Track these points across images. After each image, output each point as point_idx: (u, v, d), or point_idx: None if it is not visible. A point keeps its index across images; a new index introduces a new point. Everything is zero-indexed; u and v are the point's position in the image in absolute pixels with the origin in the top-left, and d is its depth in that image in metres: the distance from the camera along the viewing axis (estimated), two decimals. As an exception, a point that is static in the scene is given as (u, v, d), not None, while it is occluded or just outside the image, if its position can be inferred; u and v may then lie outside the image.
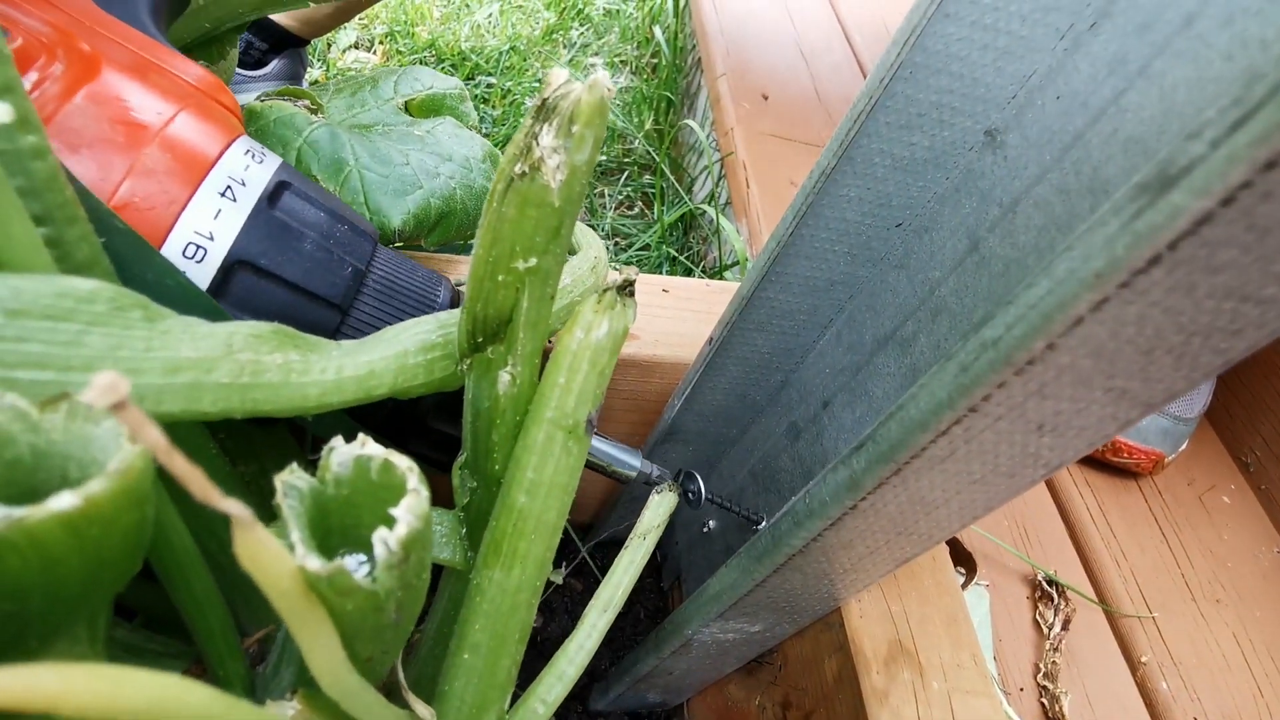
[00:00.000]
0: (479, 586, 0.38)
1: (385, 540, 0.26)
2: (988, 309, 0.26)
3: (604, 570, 0.79)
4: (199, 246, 0.40)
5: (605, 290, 0.37)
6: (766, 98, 1.09)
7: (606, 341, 0.37)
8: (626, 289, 0.37)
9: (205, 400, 0.32)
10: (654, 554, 0.80)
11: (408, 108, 0.59)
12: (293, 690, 0.32)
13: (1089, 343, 0.22)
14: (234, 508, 0.20)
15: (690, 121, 1.19)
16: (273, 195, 0.43)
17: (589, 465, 0.52)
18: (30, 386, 0.28)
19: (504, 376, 0.37)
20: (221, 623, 0.40)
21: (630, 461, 0.51)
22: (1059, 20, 0.34)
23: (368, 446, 0.29)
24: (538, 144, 0.30)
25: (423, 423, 0.48)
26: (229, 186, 0.41)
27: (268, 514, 0.28)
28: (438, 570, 0.49)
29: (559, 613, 0.76)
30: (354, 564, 0.26)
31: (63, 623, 0.26)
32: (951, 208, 0.40)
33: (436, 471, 0.47)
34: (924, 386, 0.28)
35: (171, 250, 0.39)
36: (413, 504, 0.27)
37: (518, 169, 0.31)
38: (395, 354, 0.38)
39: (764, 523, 0.51)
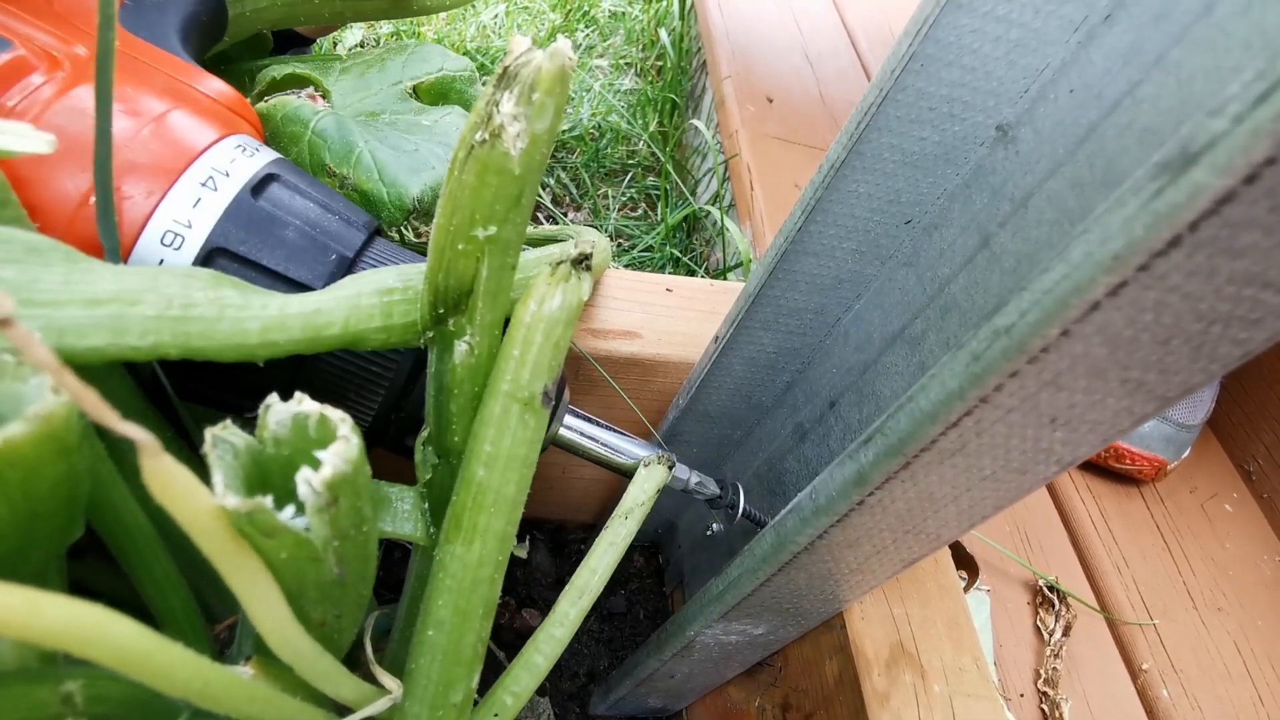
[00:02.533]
0: (441, 562, 0.38)
1: (309, 480, 0.26)
2: (999, 304, 0.26)
3: (611, 577, 0.78)
4: (176, 234, 0.40)
5: (559, 263, 0.37)
6: (771, 101, 1.09)
7: (560, 314, 0.37)
8: (583, 262, 0.37)
9: (132, 333, 0.32)
10: (656, 557, 0.81)
11: (416, 91, 0.58)
12: (247, 658, 0.32)
13: (1105, 330, 0.22)
14: (136, 433, 0.20)
15: (696, 122, 1.19)
16: (258, 186, 0.43)
17: (600, 462, 0.52)
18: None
19: (461, 346, 0.37)
20: (184, 605, 0.40)
21: (637, 451, 0.51)
22: (1073, 12, 0.34)
23: (304, 404, 0.29)
24: (498, 111, 0.30)
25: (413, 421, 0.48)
26: (211, 177, 0.42)
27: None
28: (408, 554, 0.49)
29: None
30: (290, 515, 0.27)
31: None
32: (962, 204, 0.40)
33: None
34: (934, 377, 0.27)
35: (150, 239, 0.40)
36: (341, 449, 0.27)
37: (478, 136, 0.31)
38: (348, 294, 0.38)
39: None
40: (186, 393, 0.43)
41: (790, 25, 1.27)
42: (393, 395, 0.46)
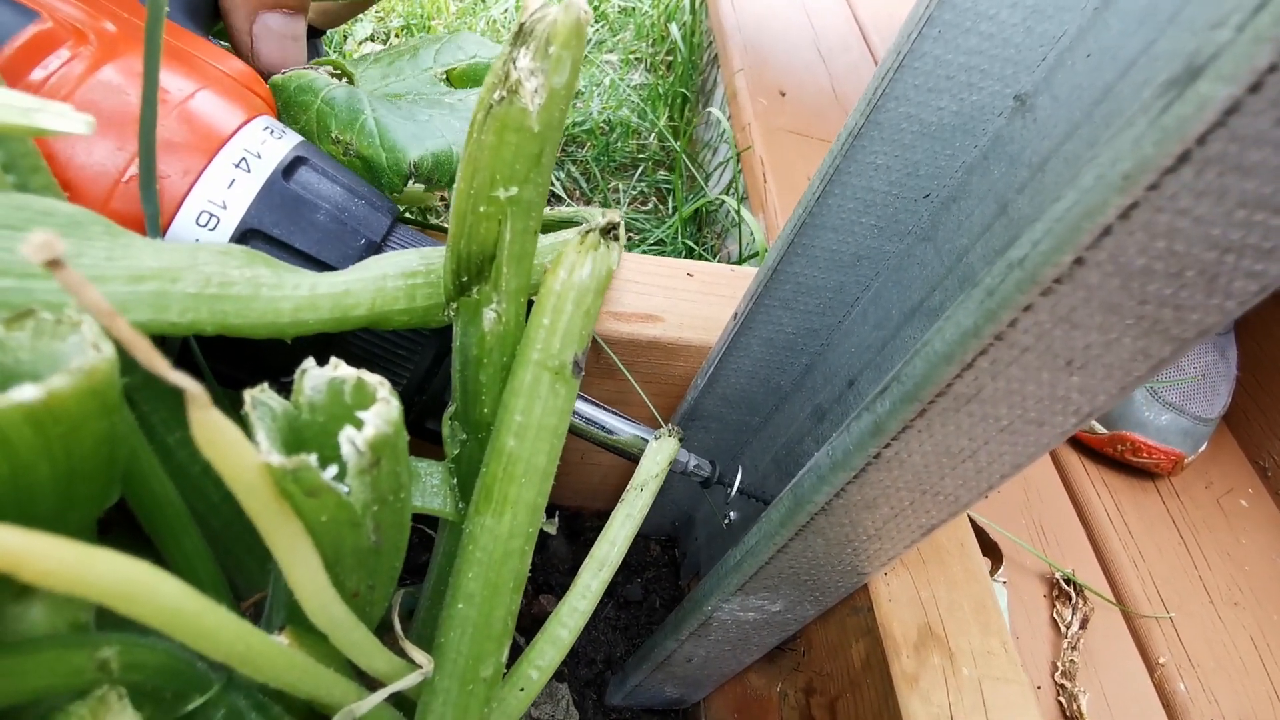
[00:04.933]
0: (471, 534, 0.38)
1: (353, 440, 0.26)
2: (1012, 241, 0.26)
3: (628, 564, 0.79)
4: (212, 215, 0.41)
5: (588, 231, 0.37)
6: (784, 94, 1.10)
7: (590, 282, 0.37)
8: (611, 231, 0.37)
9: (172, 310, 0.32)
10: (673, 550, 0.81)
11: (449, 77, 0.59)
12: (281, 627, 0.33)
13: (1118, 258, 0.22)
14: (186, 383, 0.20)
15: (713, 109, 1.19)
16: (289, 169, 0.44)
17: (611, 448, 0.52)
18: (-9, 293, 0.28)
19: (489, 314, 0.37)
20: (213, 578, 0.40)
21: (641, 433, 0.52)
22: (1091, -23, 0.34)
23: (340, 369, 0.29)
24: (515, 67, 0.30)
25: (434, 406, 0.48)
26: (244, 159, 0.42)
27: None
28: (432, 532, 0.49)
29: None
30: (328, 477, 0.27)
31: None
32: (980, 176, 0.40)
33: None
34: (949, 318, 0.27)
35: (186, 219, 0.40)
36: (382, 410, 0.27)
37: (496, 95, 0.31)
38: (374, 276, 0.38)
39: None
40: (211, 373, 0.43)
41: (802, 20, 1.27)
42: (417, 376, 0.46)
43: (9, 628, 0.28)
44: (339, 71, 0.53)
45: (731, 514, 0.63)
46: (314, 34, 1.02)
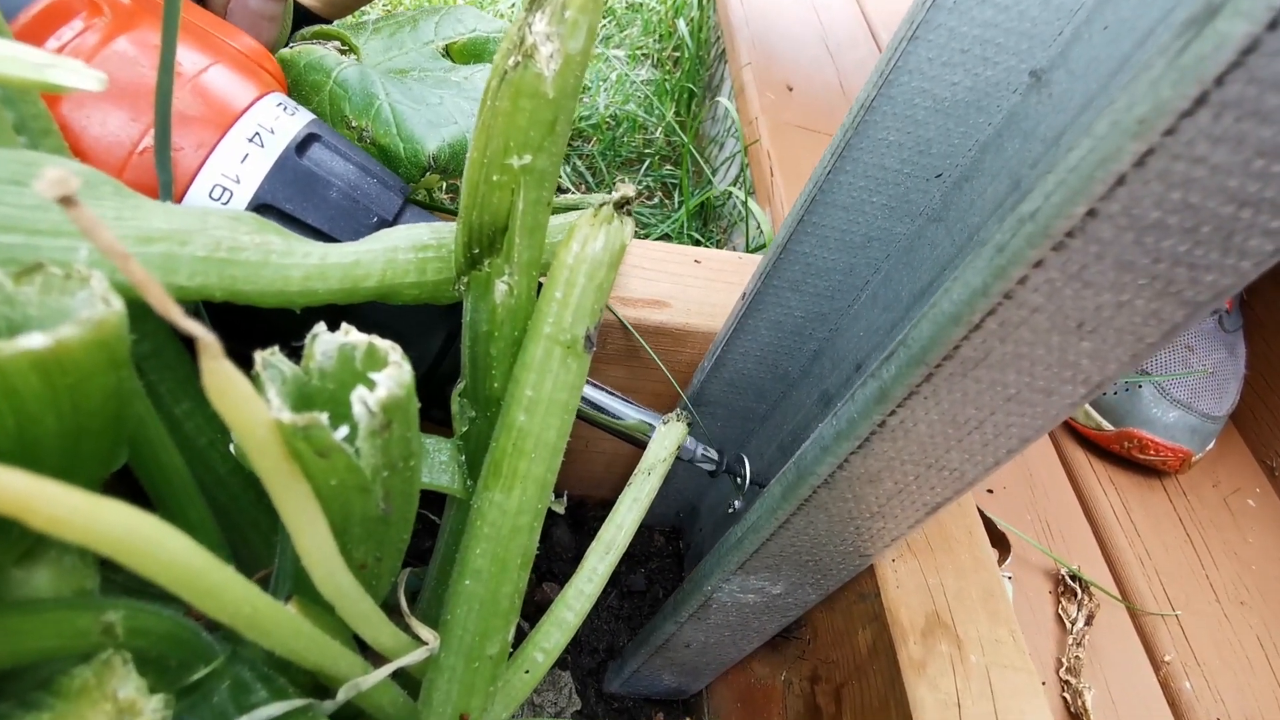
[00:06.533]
0: (480, 510, 0.38)
1: (365, 399, 0.26)
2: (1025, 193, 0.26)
3: (632, 555, 0.78)
4: (225, 189, 0.41)
5: (601, 205, 0.37)
6: (791, 90, 1.09)
7: (604, 255, 0.36)
8: (624, 205, 0.37)
9: (181, 273, 0.32)
10: (677, 541, 0.80)
11: (448, 51, 0.59)
12: (288, 597, 0.32)
13: (1132, 211, 0.22)
14: (199, 331, 0.20)
15: (722, 99, 1.19)
16: (301, 145, 0.44)
17: (618, 434, 0.52)
18: (-1, 249, 0.28)
19: (500, 286, 0.37)
20: (217, 549, 0.40)
21: (647, 418, 0.51)
22: (1110, -53, 0.34)
23: (351, 334, 0.29)
24: (530, 32, 0.30)
25: (441, 392, 0.48)
26: (257, 133, 0.42)
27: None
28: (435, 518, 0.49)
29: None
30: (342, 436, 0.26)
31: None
32: (994, 154, 0.40)
33: None
34: (958, 278, 0.27)
35: (199, 192, 0.41)
36: (394, 373, 0.27)
37: (511, 61, 0.31)
38: (385, 248, 0.38)
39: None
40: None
41: (810, 15, 1.27)
42: (425, 361, 0.46)
43: (13, 592, 0.27)
44: (345, 46, 0.53)
45: (736, 502, 0.63)
46: (322, 24, 1.03)
